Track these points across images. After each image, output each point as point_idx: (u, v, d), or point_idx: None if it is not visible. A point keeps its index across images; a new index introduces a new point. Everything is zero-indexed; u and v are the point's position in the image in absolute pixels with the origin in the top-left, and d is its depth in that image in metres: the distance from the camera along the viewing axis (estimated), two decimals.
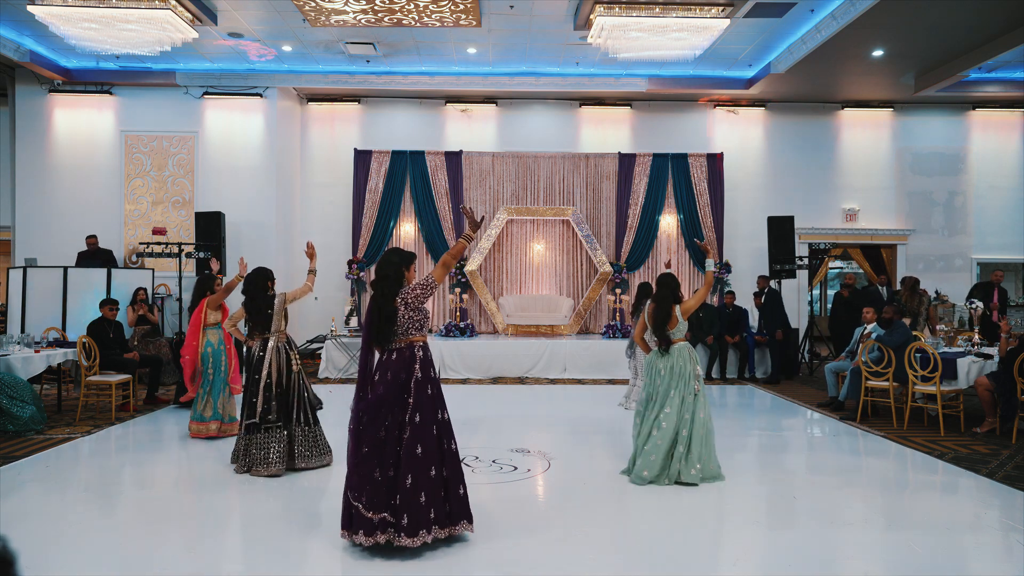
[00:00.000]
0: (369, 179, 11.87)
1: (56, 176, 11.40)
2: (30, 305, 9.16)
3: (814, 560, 3.73)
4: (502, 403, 8.50)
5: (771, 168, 12.42)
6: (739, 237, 12.28)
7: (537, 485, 5.05)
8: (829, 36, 9.09)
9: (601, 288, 11.64)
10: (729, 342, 10.29)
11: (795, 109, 12.38)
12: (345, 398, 9.02)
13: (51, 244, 11.08)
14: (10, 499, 4.59)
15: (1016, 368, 6.23)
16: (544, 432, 6.98)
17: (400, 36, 9.91)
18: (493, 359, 10.26)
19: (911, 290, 9.65)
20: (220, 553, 3.83)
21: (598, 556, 3.76)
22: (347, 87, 11.75)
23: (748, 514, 4.52)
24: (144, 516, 4.36)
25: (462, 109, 12.31)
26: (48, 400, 7.95)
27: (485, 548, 3.80)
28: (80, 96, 11.43)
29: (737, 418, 7.67)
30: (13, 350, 7.10)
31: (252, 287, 5.36)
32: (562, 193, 12.08)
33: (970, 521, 4.40)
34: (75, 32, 8.59)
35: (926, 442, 6.34)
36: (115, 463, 5.79)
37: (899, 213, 12.50)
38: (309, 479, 5.08)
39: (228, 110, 11.54)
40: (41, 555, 3.66)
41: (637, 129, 12.38)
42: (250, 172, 11.49)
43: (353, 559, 3.65)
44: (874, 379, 7.22)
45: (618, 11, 8.37)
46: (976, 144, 12.51)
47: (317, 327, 11.85)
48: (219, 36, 9.86)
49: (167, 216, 11.48)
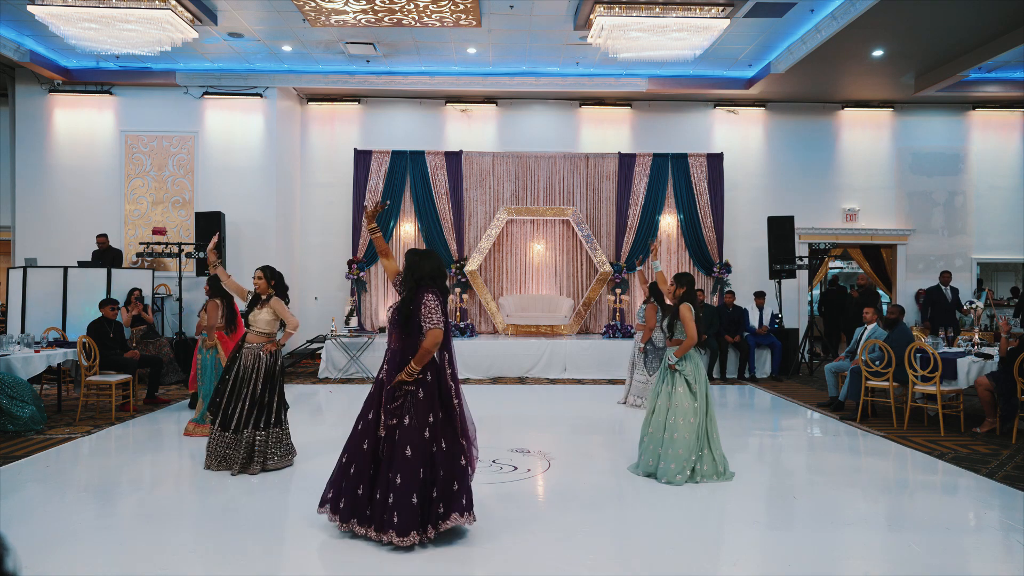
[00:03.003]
0: (369, 179, 11.87)
1: (56, 176, 11.40)
2: (30, 305, 9.16)
3: (814, 560, 3.73)
4: (502, 403, 8.50)
5: (771, 168, 12.42)
6: (739, 237, 12.28)
7: (537, 485, 5.05)
8: (829, 36, 9.09)
9: (601, 288, 11.64)
10: (729, 342, 10.30)
11: (795, 109, 12.38)
12: (346, 398, 8.99)
13: (51, 244, 11.09)
14: (10, 499, 4.59)
15: (1016, 368, 6.23)
16: (544, 432, 6.98)
17: (400, 36, 9.91)
18: (493, 359, 10.27)
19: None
20: (220, 553, 3.82)
21: (598, 556, 3.76)
22: (347, 87, 11.75)
23: (748, 514, 4.52)
24: (144, 516, 4.36)
25: (462, 109, 12.31)
26: (48, 400, 7.95)
27: (485, 548, 3.80)
28: (80, 96, 11.43)
29: (737, 418, 7.67)
30: (13, 350, 7.10)
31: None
32: (562, 193, 12.08)
33: (970, 521, 4.40)
34: (75, 32, 8.59)
35: (926, 442, 6.34)
36: (115, 463, 5.79)
37: (899, 213, 12.50)
38: (309, 477, 5.08)
39: (228, 110, 11.54)
40: (41, 555, 3.66)
41: (637, 129, 12.38)
42: (250, 172, 11.49)
43: (357, 557, 3.65)
44: (874, 379, 7.22)
45: (618, 11, 8.36)
46: (976, 144, 12.51)
47: (317, 327, 11.85)
48: (219, 36, 9.87)
49: (167, 216, 11.48)
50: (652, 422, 5.17)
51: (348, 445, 3.94)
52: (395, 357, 3.85)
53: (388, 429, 3.76)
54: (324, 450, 5.94)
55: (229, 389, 5.20)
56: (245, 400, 5.18)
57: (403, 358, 3.80)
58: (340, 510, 3.83)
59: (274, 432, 5.28)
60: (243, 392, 5.18)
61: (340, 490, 3.87)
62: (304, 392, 9.01)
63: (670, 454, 4.99)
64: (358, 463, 3.83)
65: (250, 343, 5.26)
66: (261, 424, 5.20)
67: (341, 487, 3.87)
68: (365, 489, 3.78)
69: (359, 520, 3.78)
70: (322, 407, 8.31)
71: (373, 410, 3.88)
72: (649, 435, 5.17)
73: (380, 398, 3.85)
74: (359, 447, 3.86)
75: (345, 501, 3.82)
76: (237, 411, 5.17)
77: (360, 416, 3.95)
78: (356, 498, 3.79)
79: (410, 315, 3.79)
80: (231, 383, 5.20)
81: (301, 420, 7.68)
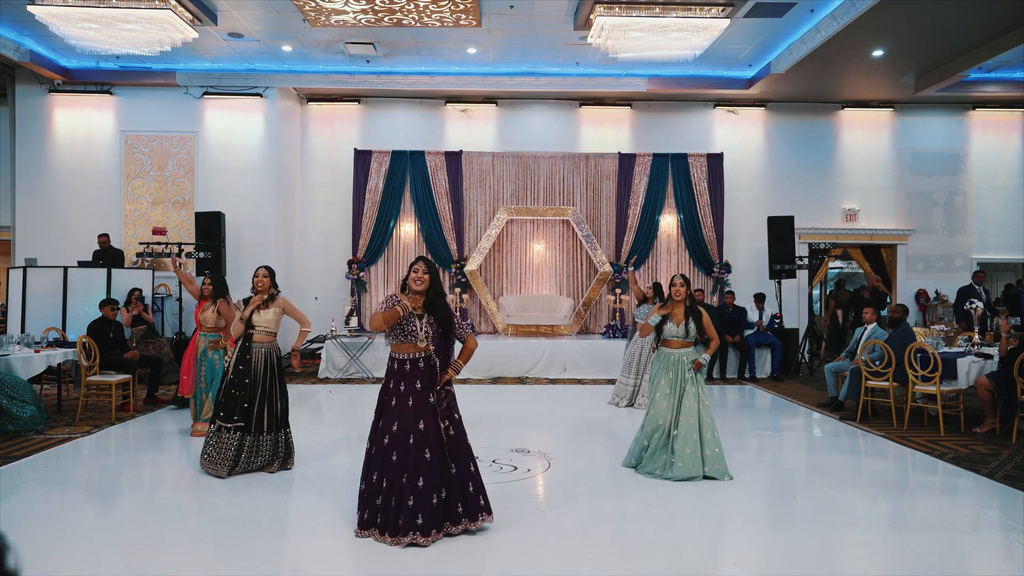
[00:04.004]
0: (369, 179, 11.87)
1: (56, 176, 11.40)
2: (30, 305, 9.16)
3: (814, 560, 3.73)
4: (502, 403, 8.50)
5: (771, 168, 12.42)
6: (739, 237, 12.28)
7: (537, 485, 5.05)
8: (829, 36, 9.09)
9: (601, 288, 11.64)
10: (729, 342, 10.30)
11: (795, 109, 12.38)
12: (346, 398, 9.00)
13: (51, 244, 11.09)
14: (10, 499, 4.59)
15: (1016, 368, 6.23)
16: (544, 432, 6.98)
17: (400, 36, 9.91)
18: (493, 359, 10.26)
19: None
20: (221, 553, 3.82)
21: (598, 556, 3.76)
22: (347, 87, 11.75)
23: (748, 514, 4.52)
24: (144, 516, 4.36)
25: (462, 109, 12.31)
26: (48, 400, 7.95)
27: (485, 547, 3.80)
28: (80, 96, 11.43)
29: (737, 418, 7.67)
30: (13, 350, 7.10)
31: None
32: (562, 193, 12.08)
33: (970, 521, 4.40)
34: (75, 32, 8.59)
35: (926, 442, 6.34)
36: (115, 463, 5.79)
37: (899, 213, 12.50)
38: (309, 477, 5.08)
39: (228, 110, 11.54)
40: (41, 555, 3.66)
41: (637, 129, 12.38)
42: (250, 172, 11.49)
43: (363, 556, 3.64)
44: (874, 379, 7.22)
45: (618, 11, 8.36)
46: (976, 144, 12.51)
47: (317, 327, 11.82)
48: (219, 36, 9.87)
49: (167, 216, 11.47)
50: (682, 424, 5.05)
51: (396, 463, 3.81)
52: (426, 364, 3.92)
53: (449, 427, 3.97)
54: (325, 451, 5.95)
55: (248, 391, 5.14)
56: (263, 402, 5.14)
57: (436, 363, 3.96)
58: (420, 526, 3.71)
59: (286, 433, 5.28)
60: (257, 393, 5.15)
61: (414, 508, 3.73)
62: (304, 392, 9.01)
63: (717, 452, 5.07)
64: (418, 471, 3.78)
65: (258, 343, 5.21)
66: (276, 426, 5.19)
67: (414, 504, 3.73)
68: (448, 494, 3.84)
69: (452, 522, 3.85)
70: (322, 407, 8.31)
71: (421, 419, 3.85)
72: (681, 439, 5.01)
73: (421, 408, 3.86)
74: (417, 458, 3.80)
75: (425, 516, 3.72)
76: (255, 413, 5.12)
77: (395, 431, 3.86)
78: (440, 505, 3.79)
79: (451, 327, 4.03)
80: (248, 385, 5.14)
81: (301, 420, 7.68)
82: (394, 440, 3.84)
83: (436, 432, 3.85)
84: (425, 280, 3.93)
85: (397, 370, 3.93)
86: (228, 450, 5.06)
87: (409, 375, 3.90)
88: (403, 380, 3.91)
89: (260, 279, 5.27)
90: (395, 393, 3.91)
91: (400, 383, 3.91)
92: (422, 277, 3.92)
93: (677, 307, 5.29)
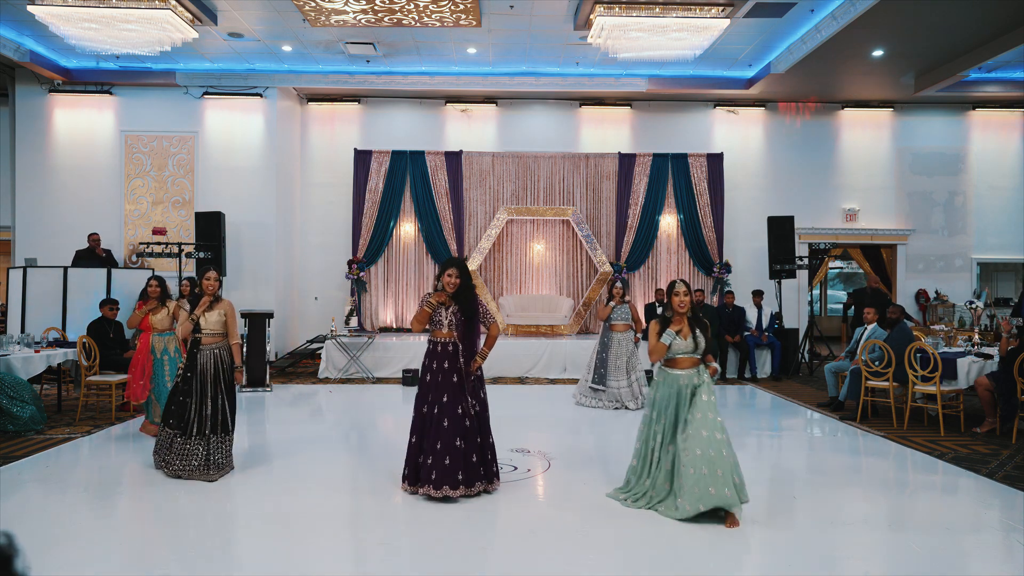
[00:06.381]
0: (369, 179, 11.87)
1: (56, 176, 11.40)
2: (30, 305, 9.14)
3: (814, 560, 3.73)
4: (502, 403, 8.45)
5: (771, 168, 12.42)
6: (739, 237, 12.28)
7: (537, 485, 5.05)
8: (829, 36, 9.09)
9: (601, 288, 11.63)
10: (729, 342, 10.30)
11: (795, 109, 12.38)
12: (346, 398, 8.98)
13: (51, 244, 11.08)
14: (10, 499, 4.59)
15: (1016, 368, 6.23)
16: (544, 432, 6.99)
17: (400, 36, 9.91)
18: (493, 359, 10.21)
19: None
20: (221, 553, 3.83)
21: (598, 556, 3.76)
22: (347, 87, 11.75)
23: (748, 514, 4.52)
24: (144, 516, 4.36)
25: (462, 109, 12.31)
26: (48, 400, 7.95)
27: (485, 547, 3.80)
28: (80, 96, 11.43)
29: (737, 418, 7.67)
30: (13, 350, 7.10)
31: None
32: (562, 193, 12.08)
33: (970, 521, 4.40)
34: (75, 32, 8.59)
35: (926, 442, 6.34)
36: (115, 463, 5.78)
37: (899, 213, 12.50)
38: (311, 478, 5.08)
39: (228, 110, 11.54)
40: (41, 555, 3.66)
41: (637, 129, 12.38)
42: (250, 172, 11.49)
43: (352, 553, 3.64)
44: (874, 379, 7.22)
45: (618, 11, 8.36)
46: (976, 144, 12.51)
47: (317, 327, 11.85)
48: (219, 36, 9.87)
49: (167, 216, 11.48)
50: (710, 443, 4.15)
51: (443, 431, 4.48)
52: (455, 349, 4.64)
53: (474, 404, 4.65)
54: (325, 450, 5.95)
55: (193, 392, 5.12)
56: (206, 404, 5.12)
57: (460, 348, 4.65)
58: (460, 481, 4.43)
59: (227, 439, 5.18)
60: (205, 396, 5.13)
61: (455, 466, 4.44)
62: (304, 392, 9.01)
63: (739, 471, 4.24)
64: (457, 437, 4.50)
65: (207, 345, 5.18)
66: (218, 429, 5.12)
67: (457, 462, 4.45)
68: (477, 456, 4.58)
69: (481, 480, 4.59)
70: (322, 407, 8.31)
71: (448, 395, 4.58)
72: (709, 460, 4.12)
73: (452, 385, 4.59)
74: (458, 426, 4.52)
75: (464, 473, 4.45)
76: (197, 415, 5.10)
77: (436, 402, 4.57)
78: (472, 465, 4.53)
79: (473, 315, 4.67)
80: (193, 386, 5.13)
81: (301, 420, 7.70)
82: (430, 409, 4.59)
83: (463, 404, 4.56)
84: (456, 284, 4.61)
85: (431, 351, 4.70)
86: (176, 451, 5.06)
87: (439, 356, 4.65)
88: (435, 360, 4.66)
89: (211, 282, 5.24)
90: (429, 370, 4.67)
91: (433, 362, 4.67)
92: (454, 282, 4.61)
93: (681, 318, 4.49)
